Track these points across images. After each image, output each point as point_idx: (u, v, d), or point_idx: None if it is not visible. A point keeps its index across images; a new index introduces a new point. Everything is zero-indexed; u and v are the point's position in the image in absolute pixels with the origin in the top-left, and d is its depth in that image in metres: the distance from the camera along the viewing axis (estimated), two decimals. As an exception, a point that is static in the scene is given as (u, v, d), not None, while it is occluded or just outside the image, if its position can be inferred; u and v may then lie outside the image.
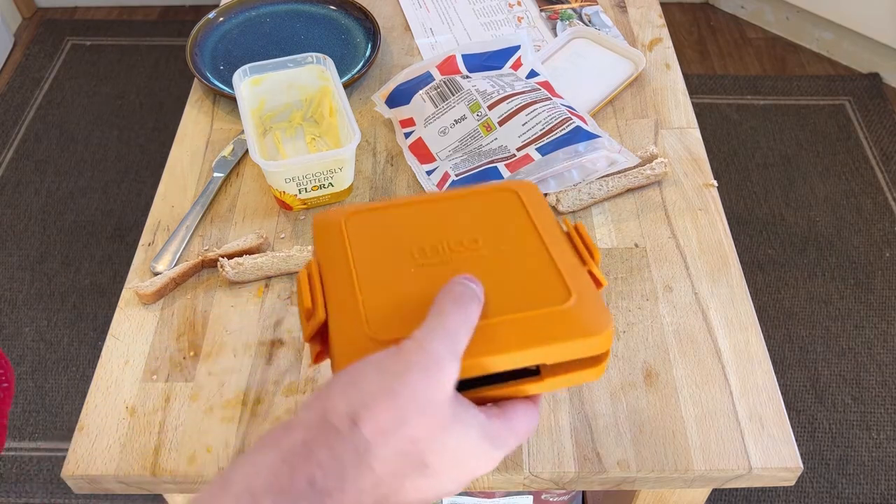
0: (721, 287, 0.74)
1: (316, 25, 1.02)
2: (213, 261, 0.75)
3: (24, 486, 1.39)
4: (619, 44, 0.96)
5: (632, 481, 0.63)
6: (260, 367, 0.68)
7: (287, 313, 0.72)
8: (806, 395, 1.48)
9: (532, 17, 1.04)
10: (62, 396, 1.50)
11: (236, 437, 0.64)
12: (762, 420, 0.64)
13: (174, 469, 0.62)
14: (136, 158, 1.93)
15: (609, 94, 0.91)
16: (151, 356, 0.70)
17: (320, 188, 0.79)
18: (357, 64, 0.96)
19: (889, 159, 1.89)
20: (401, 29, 1.03)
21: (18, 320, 1.62)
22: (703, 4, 2.36)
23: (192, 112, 0.92)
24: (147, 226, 0.80)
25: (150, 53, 2.21)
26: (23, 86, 2.12)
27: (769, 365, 0.68)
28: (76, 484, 0.63)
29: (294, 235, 0.79)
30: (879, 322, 1.59)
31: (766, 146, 1.93)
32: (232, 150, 0.87)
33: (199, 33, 0.99)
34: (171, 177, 0.85)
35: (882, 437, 1.43)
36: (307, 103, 0.89)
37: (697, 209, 0.80)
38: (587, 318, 0.44)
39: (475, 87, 0.85)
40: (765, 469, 0.62)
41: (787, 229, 1.75)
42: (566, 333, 0.43)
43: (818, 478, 1.38)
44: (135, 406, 0.66)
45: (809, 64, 2.17)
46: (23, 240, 1.76)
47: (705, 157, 0.86)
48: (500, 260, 0.48)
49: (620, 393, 0.66)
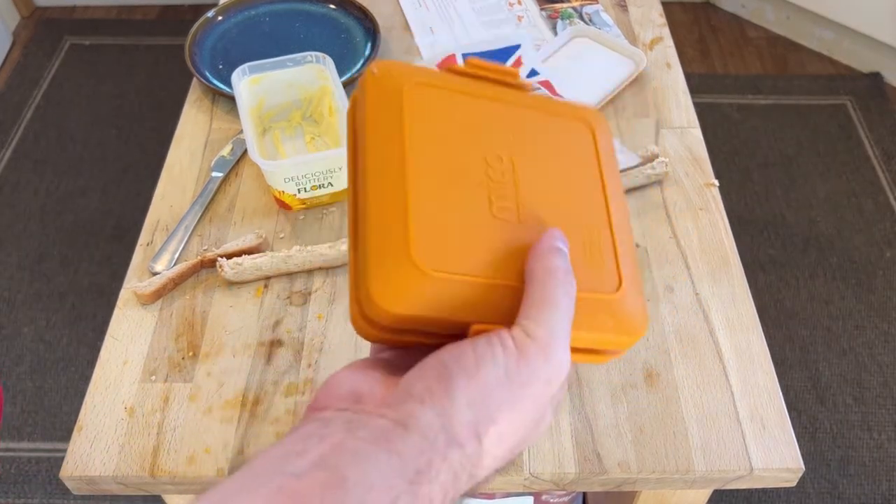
0: (722, 287, 0.73)
1: (315, 24, 1.02)
2: (212, 261, 0.75)
3: (22, 486, 1.38)
4: (619, 43, 0.96)
5: (632, 482, 0.62)
6: (259, 368, 0.68)
7: (286, 313, 0.72)
8: (807, 396, 1.48)
9: (532, 16, 1.04)
10: (61, 397, 1.50)
11: (235, 437, 0.64)
12: (763, 421, 0.64)
13: (173, 470, 0.62)
14: (134, 158, 1.93)
15: (610, 94, 0.91)
16: (150, 356, 0.69)
17: (320, 188, 0.79)
18: (356, 63, 0.96)
19: (890, 159, 1.88)
20: (400, 28, 1.03)
21: (17, 320, 1.62)
22: (703, 3, 2.36)
23: (190, 111, 0.92)
24: (146, 226, 0.80)
25: (149, 53, 2.21)
26: (21, 85, 2.12)
27: (770, 365, 0.68)
28: (75, 485, 0.63)
29: (293, 235, 0.79)
30: (881, 322, 1.58)
31: (767, 146, 1.92)
32: (231, 149, 0.87)
33: (197, 32, 0.98)
34: (169, 176, 0.84)
35: (883, 438, 1.42)
36: (306, 102, 0.89)
37: (698, 209, 0.80)
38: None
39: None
40: (766, 470, 0.62)
41: (788, 229, 1.75)
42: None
43: (819, 478, 1.38)
44: (133, 406, 0.66)
45: (810, 63, 2.16)
46: (21, 240, 1.76)
47: (706, 156, 0.85)
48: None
49: (621, 393, 0.66)
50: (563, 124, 0.44)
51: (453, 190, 0.38)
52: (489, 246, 0.37)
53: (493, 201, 0.39)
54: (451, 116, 0.41)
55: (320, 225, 0.80)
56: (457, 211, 0.37)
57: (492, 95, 0.43)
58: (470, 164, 0.39)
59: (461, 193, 0.38)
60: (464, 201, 0.38)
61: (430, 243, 0.36)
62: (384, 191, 0.37)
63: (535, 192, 0.40)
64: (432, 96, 0.41)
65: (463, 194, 0.38)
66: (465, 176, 0.39)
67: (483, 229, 0.37)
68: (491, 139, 0.41)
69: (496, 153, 0.40)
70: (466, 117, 0.41)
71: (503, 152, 0.40)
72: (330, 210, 0.81)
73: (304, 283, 0.74)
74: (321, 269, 0.75)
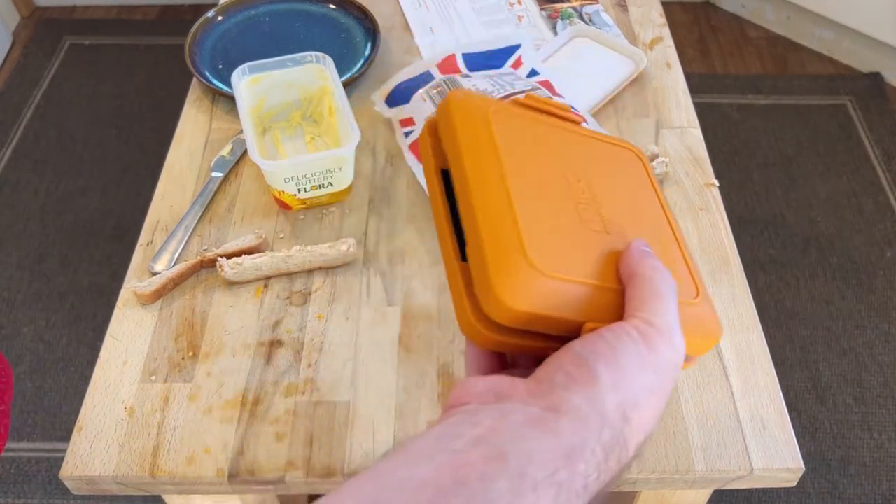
0: (722, 287, 0.73)
1: (315, 24, 1.02)
2: (212, 261, 0.75)
3: (22, 486, 1.38)
4: (619, 43, 0.96)
5: (633, 482, 0.62)
6: (259, 368, 0.68)
7: (286, 313, 0.72)
8: (807, 396, 1.48)
9: (532, 16, 1.04)
10: (61, 397, 1.50)
11: (235, 437, 0.64)
12: (763, 421, 0.64)
13: (173, 470, 0.62)
14: (134, 158, 1.93)
15: (610, 94, 0.91)
16: (150, 356, 0.69)
17: (319, 188, 0.79)
18: (357, 63, 0.96)
19: (890, 159, 1.88)
20: (400, 28, 1.03)
21: (17, 320, 1.62)
22: (703, 3, 2.36)
23: (190, 111, 0.92)
24: (146, 225, 0.80)
25: (149, 53, 2.21)
26: (21, 85, 2.12)
27: (770, 365, 0.68)
28: (75, 485, 0.63)
29: (293, 235, 0.79)
30: (881, 322, 1.58)
31: (767, 146, 1.92)
32: (231, 149, 0.87)
33: (197, 32, 0.98)
34: (169, 176, 0.84)
35: (884, 438, 1.42)
36: (306, 102, 0.89)
37: (698, 209, 0.80)
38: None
39: (475, 86, 0.85)
40: (766, 470, 0.62)
41: (788, 229, 1.75)
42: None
43: (820, 479, 1.38)
44: (133, 407, 0.66)
45: (810, 63, 2.16)
46: (21, 240, 1.76)
47: (706, 156, 0.85)
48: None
49: (621, 394, 0.66)
50: (619, 152, 0.49)
51: (549, 202, 0.42)
52: (588, 252, 0.41)
53: (582, 214, 0.42)
54: (532, 139, 0.45)
55: (320, 225, 0.80)
56: (556, 221, 0.41)
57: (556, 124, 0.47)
58: (556, 181, 0.43)
59: (556, 206, 0.42)
60: (560, 213, 0.42)
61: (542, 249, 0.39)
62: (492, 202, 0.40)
63: (613, 209, 0.44)
64: (513, 121, 0.45)
65: (558, 207, 0.42)
66: (555, 191, 0.43)
67: (580, 238, 0.41)
68: (567, 161, 0.45)
69: (574, 173, 0.44)
70: (545, 141, 0.46)
71: (579, 172, 0.45)
72: (330, 210, 0.81)
73: (304, 283, 0.74)
74: (321, 269, 0.75)
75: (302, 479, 0.61)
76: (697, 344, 0.42)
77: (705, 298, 0.43)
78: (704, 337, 0.42)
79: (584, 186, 0.44)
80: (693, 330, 0.41)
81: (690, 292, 0.42)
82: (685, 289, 0.42)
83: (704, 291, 0.43)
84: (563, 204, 0.42)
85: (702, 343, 0.42)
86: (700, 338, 0.42)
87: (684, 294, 0.41)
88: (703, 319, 0.42)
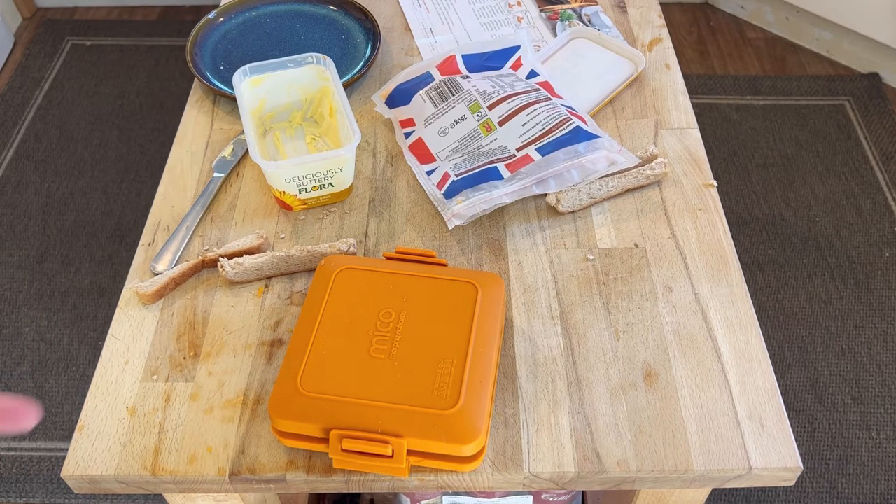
0: (721, 287, 0.74)
1: (316, 25, 1.02)
2: (214, 261, 0.75)
3: (23, 485, 1.39)
4: (618, 44, 0.96)
5: (631, 481, 0.63)
6: (260, 367, 0.69)
7: (287, 313, 0.72)
8: (805, 395, 1.48)
9: (532, 18, 1.04)
10: (62, 396, 1.50)
11: (236, 436, 0.64)
12: (762, 420, 0.64)
13: (174, 469, 0.62)
14: (136, 158, 1.93)
15: (609, 95, 0.92)
16: (151, 356, 0.70)
17: (320, 188, 0.79)
18: (357, 64, 0.96)
19: (889, 159, 1.89)
20: (401, 29, 1.03)
21: (18, 320, 1.62)
22: (702, 4, 2.37)
23: (192, 112, 0.92)
24: (147, 226, 0.80)
25: (151, 53, 2.21)
26: (23, 86, 2.12)
27: (769, 365, 0.68)
28: (76, 484, 0.63)
29: (294, 235, 0.79)
30: (879, 322, 1.59)
31: (765, 146, 1.93)
32: (232, 150, 0.87)
33: (199, 33, 0.99)
34: (171, 177, 0.85)
35: (882, 437, 1.43)
36: (307, 103, 0.89)
37: (697, 209, 0.81)
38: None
39: (475, 87, 0.85)
40: (764, 469, 0.62)
41: (786, 229, 1.75)
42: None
43: (818, 478, 1.38)
44: (135, 406, 0.66)
45: (809, 64, 2.17)
46: (23, 240, 1.76)
47: (705, 157, 0.86)
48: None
49: (620, 393, 0.66)
50: (450, 286, 0.64)
51: (343, 339, 0.61)
52: (356, 375, 0.59)
53: (373, 345, 0.60)
54: (366, 289, 0.64)
55: (321, 225, 0.80)
56: (340, 353, 0.60)
57: (404, 270, 0.65)
58: (365, 320, 0.62)
59: (349, 342, 0.61)
60: (349, 346, 0.60)
61: (311, 373, 0.59)
62: (298, 340, 0.61)
63: (411, 337, 0.61)
64: (354, 276, 0.65)
65: (350, 342, 0.61)
66: (357, 328, 0.61)
67: (356, 364, 0.59)
68: (387, 301, 0.63)
69: (390, 312, 0.62)
70: (376, 289, 0.64)
71: (393, 309, 0.62)
72: (331, 210, 0.81)
73: (304, 282, 0.75)
74: (322, 269, 0.76)
75: (303, 478, 0.62)
76: (445, 447, 0.55)
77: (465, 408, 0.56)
78: (450, 441, 0.55)
79: (392, 321, 0.61)
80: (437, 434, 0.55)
81: (447, 403, 0.57)
82: (444, 397, 0.57)
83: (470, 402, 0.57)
84: (360, 338, 0.60)
85: (448, 446, 0.55)
86: (445, 441, 0.55)
87: (438, 403, 0.57)
88: (451, 426, 0.56)
